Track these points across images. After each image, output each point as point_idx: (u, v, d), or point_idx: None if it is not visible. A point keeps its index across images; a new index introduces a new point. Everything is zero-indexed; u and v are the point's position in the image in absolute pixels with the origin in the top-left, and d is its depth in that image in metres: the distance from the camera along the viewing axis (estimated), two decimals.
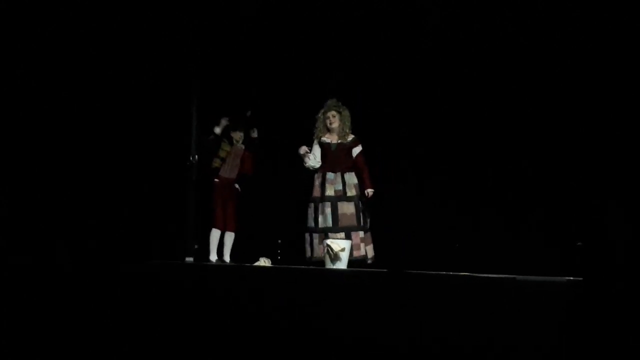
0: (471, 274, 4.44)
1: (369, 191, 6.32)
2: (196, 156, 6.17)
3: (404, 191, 7.79)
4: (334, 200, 6.28)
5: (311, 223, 6.32)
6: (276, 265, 5.83)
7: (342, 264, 5.79)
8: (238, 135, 6.74)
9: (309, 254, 6.30)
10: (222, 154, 6.65)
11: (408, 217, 7.77)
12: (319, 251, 6.19)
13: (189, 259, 5.94)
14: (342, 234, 6.17)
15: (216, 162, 6.63)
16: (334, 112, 6.48)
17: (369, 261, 6.24)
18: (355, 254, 6.17)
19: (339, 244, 5.82)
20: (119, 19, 7.67)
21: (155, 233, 7.34)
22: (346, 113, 6.51)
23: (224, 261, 6.54)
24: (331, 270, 5.52)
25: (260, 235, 7.06)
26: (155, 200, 7.49)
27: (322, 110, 6.54)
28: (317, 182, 6.39)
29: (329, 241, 5.85)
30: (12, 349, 4.19)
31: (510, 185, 7.28)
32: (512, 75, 7.43)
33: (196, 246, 6.05)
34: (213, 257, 6.51)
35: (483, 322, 3.79)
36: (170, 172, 7.12)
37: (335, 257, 5.79)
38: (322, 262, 6.03)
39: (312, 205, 6.35)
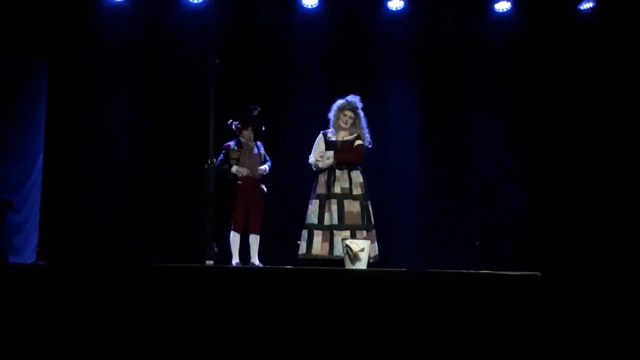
0: (494, 271, 4.43)
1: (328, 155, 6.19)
2: (214, 160, 6.16)
3: (418, 190, 7.89)
4: (341, 198, 6.18)
5: (313, 220, 6.22)
6: (296, 267, 5.81)
7: (362, 264, 5.76)
8: (247, 135, 6.67)
9: (303, 250, 6.18)
10: (232, 162, 6.60)
11: (423, 216, 7.87)
12: (319, 248, 6.12)
13: (209, 262, 5.93)
14: (348, 232, 6.10)
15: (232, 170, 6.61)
16: (352, 114, 6.35)
17: (371, 260, 6.09)
18: None
19: (358, 244, 5.78)
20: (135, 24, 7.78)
21: (175, 236, 7.39)
22: (361, 115, 6.37)
23: (252, 264, 6.49)
24: (352, 270, 5.51)
25: (281, 236, 7.07)
26: (175, 204, 7.54)
27: (341, 105, 6.38)
28: (323, 179, 6.28)
29: (348, 241, 5.80)
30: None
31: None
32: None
33: (216, 249, 6.03)
34: (235, 260, 6.48)
35: (508, 319, 3.80)
36: (189, 175, 7.14)
37: (355, 258, 5.75)
38: (319, 260, 6.03)
39: (315, 202, 6.24)
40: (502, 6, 7.95)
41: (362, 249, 5.74)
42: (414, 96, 8.06)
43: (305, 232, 6.25)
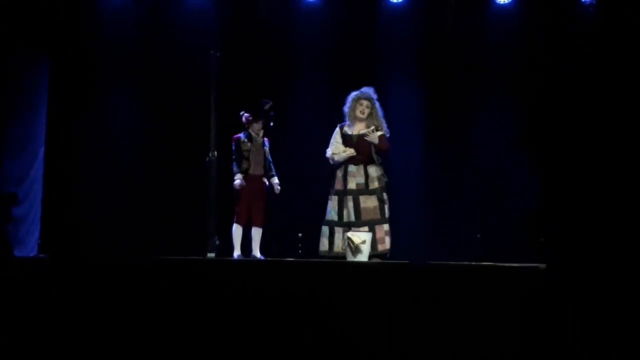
0: (496, 263, 4.44)
1: (374, 134, 6.05)
2: (215, 152, 6.16)
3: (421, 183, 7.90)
4: (356, 194, 6.04)
5: (333, 216, 6.07)
6: (298, 259, 5.82)
7: (363, 257, 5.75)
8: (256, 128, 6.66)
9: (325, 247, 6.06)
10: (245, 154, 6.57)
11: (425, 210, 7.87)
12: (341, 245, 5.98)
13: (211, 255, 5.95)
14: (366, 228, 5.95)
15: (245, 164, 6.55)
16: (368, 103, 6.18)
17: (382, 253, 6.01)
18: (380, 248, 5.96)
19: (360, 237, 5.77)
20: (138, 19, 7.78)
21: (176, 229, 7.40)
22: (377, 105, 6.21)
23: (254, 257, 6.51)
24: (353, 262, 5.52)
25: (283, 229, 7.08)
26: (176, 197, 7.55)
27: (355, 96, 6.23)
28: (340, 175, 6.12)
29: (349, 234, 5.79)
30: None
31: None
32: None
33: (217, 242, 6.05)
34: (237, 252, 6.51)
35: (511, 311, 3.80)
36: (191, 169, 7.14)
37: (356, 250, 5.74)
38: (342, 257, 5.90)
39: (335, 198, 6.10)
40: None
41: (363, 241, 5.74)
42: (417, 89, 8.03)
43: (326, 229, 6.11)
